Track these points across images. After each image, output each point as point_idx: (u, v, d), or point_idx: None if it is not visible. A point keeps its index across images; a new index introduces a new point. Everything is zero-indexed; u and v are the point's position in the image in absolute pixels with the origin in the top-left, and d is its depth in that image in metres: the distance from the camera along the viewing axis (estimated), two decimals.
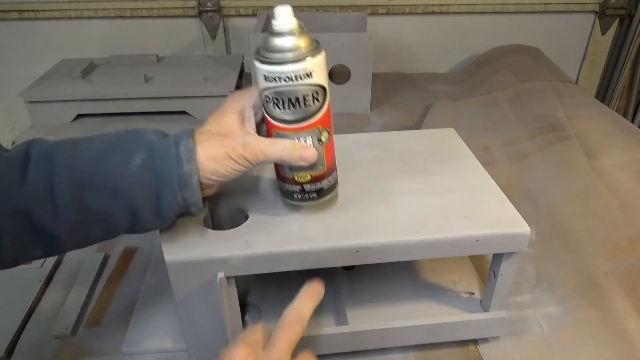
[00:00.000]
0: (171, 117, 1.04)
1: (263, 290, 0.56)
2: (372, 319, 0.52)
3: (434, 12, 1.30)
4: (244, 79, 1.21)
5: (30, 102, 1.01)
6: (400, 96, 1.17)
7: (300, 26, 0.40)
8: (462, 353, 0.53)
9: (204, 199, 0.42)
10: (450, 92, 1.18)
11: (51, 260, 0.65)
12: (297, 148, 0.41)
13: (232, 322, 0.47)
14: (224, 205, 0.50)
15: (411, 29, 1.33)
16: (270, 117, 0.42)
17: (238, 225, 0.46)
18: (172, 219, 0.42)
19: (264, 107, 0.42)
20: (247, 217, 0.47)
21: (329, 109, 0.43)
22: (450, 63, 1.39)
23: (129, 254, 0.68)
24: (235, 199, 0.50)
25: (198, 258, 0.42)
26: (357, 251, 0.44)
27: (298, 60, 0.39)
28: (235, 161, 0.41)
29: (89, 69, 1.08)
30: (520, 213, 0.47)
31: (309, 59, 0.39)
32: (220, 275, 0.43)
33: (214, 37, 1.29)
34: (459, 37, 1.35)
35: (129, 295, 0.60)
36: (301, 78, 0.39)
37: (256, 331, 0.37)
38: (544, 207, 0.70)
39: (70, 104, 1.01)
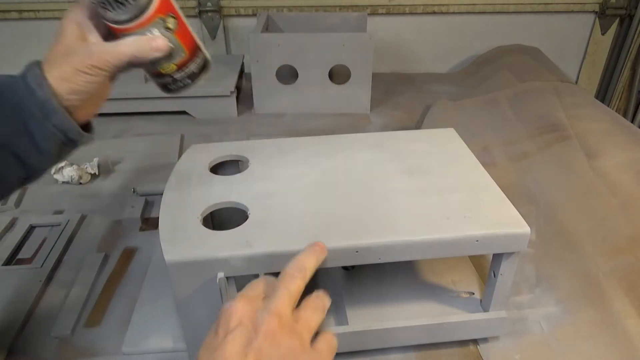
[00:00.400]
0: (171, 117, 1.04)
1: None
2: (372, 319, 0.52)
3: (434, 12, 1.30)
4: (243, 79, 1.21)
5: None
6: (400, 96, 1.17)
7: None
8: (462, 353, 0.53)
9: (87, 124, 0.42)
10: (450, 92, 1.18)
11: (51, 260, 0.65)
12: (144, 40, 0.42)
13: None
14: (224, 206, 0.50)
15: (411, 29, 1.33)
16: (110, 22, 0.43)
17: (238, 225, 0.46)
18: (56, 150, 0.42)
19: (101, 15, 0.42)
20: (247, 217, 0.47)
21: None
22: (450, 63, 1.39)
23: (129, 254, 0.68)
24: (235, 200, 0.50)
25: (198, 258, 0.42)
26: (357, 251, 0.44)
27: None
28: (86, 73, 0.41)
29: None
30: (520, 213, 0.47)
31: None
32: (221, 275, 0.43)
33: (214, 37, 1.29)
34: (459, 37, 1.35)
35: (129, 295, 0.61)
36: None
37: (257, 284, 0.37)
38: (544, 207, 0.70)
39: None
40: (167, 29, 0.43)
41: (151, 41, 0.42)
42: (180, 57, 0.45)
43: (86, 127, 0.44)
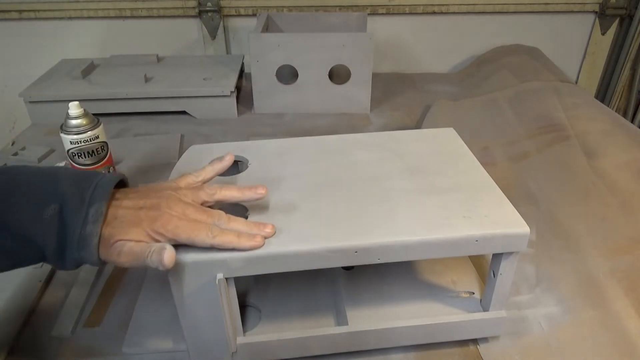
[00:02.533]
0: (171, 117, 1.04)
1: (263, 290, 0.56)
2: (372, 319, 0.52)
3: (434, 12, 1.30)
4: (243, 79, 1.21)
5: (30, 102, 1.01)
6: (400, 96, 1.17)
7: (85, 110, 0.72)
8: (462, 353, 0.53)
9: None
10: (450, 92, 1.18)
11: None
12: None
13: (232, 322, 0.47)
14: (224, 206, 0.50)
15: (411, 29, 1.33)
16: (79, 165, 0.73)
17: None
18: (70, 263, 0.42)
19: (72, 161, 0.72)
20: (247, 217, 0.47)
21: (110, 154, 0.76)
22: (450, 63, 1.39)
23: None
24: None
25: (197, 259, 0.42)
26: (357, 251, 0.44)
27: (91, 129, 0.72)
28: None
29: (89, 69, 1.08)
30: (520, 213, 0.47)
31: (96, 127, 0.72)
32: (220, 276, 0.43)
33: (214, 37, 1.29)
34: (459, 37, 1.35)
35: (129, 295, 0.61)
36: (93, 139, 0.72)
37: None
38: (544, 207, 0.70)
39: None
40: (109, 171, 0.78)
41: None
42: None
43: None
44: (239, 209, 0.49)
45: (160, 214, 0.41)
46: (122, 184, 0.46)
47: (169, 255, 0.39)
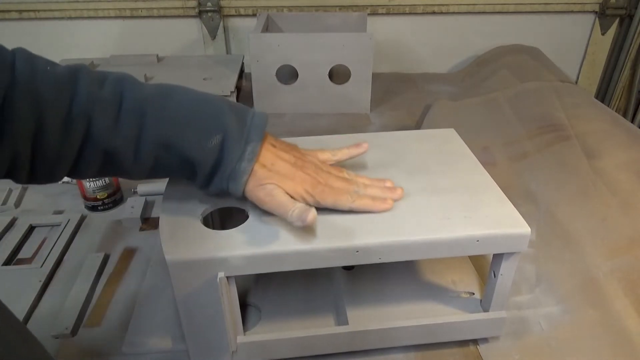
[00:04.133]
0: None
1: (263, 290, 0.56)
2: (372, 319, 0.52)
3: (434, 12, 1.30)
4: (243, 79, 1.21)
5: None
6: (400, 96, 1.17)
7: None
8: (462, 353, 0.53)
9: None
10: (450, 92, 1.18)
11: (51, 260, 0.65)
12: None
13: (232, 322, 0.47)
14: (226, 208, 0.50)
15: (411, 29, 1.33)
16: None
17: (238, 225, 0.46)
18: (215, 193, 0.47)
19: None
20: (247, 217, 0.47)
21: None
22: (450, 63, 1.39)
23: (129, 254, 0.68)
24: (235, 199, 0.50)
25: (198, 258, 0.42)
26: (357, 251, 0.44)
27: None
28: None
29: None
30: (520, 213, 0.47)
31: None
32: (221, 275, 0.43)
33: (214, 37, 1.29)
34: (459, 37, 1.35)
35: (129, 295, 0.61)
36: None
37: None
38: (544, 207, 0.70)
39: None
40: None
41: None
42: (112, 189, 0.76)
43: None
44: (239, 210, 0.49)
45: (311, 178, 0.46)
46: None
47: (312, 215, 0.42)
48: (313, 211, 0.42)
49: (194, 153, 0.43)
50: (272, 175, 0.45)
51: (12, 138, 0.38)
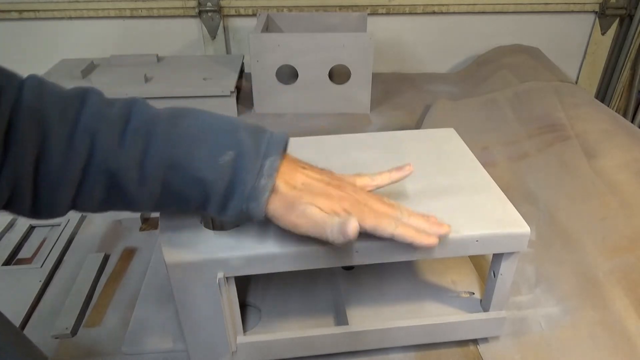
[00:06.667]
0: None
1: (263, 290, 0.56)
2: (372, 319, 0.52)
3: (434, 12, 1.30)
4: (243, 79, 1.21)
5: None
6: (400, 96, 1.17)
7: None
8: (462, 353, 0.53)
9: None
10: (450, 92, 1.18)
11: (51, 260, 0.65)
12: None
13: (232, 322, 0.47)
14: None
15: (411, 29, 1.33)
16: None
17: (238, 225, 0.46)
18: (233, 219, 0.42)
19: None
20: None
21: None
22: (450, 63, 1.39)
23: (129, 254, 0.68)
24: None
25: (198, 258, 0.42)
26: (357, 251, 0.44)
27: None
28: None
29: (89, 69, 1.08)
30: (520, 213, 0.47)
31: None
32: (220, 275, 0.43)
33: (214, 37, 1.29)
34: (459, 37, 1.34)
35: (129, 295, 0.61)
36: None
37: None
38: (544, 207, 0.70)
39: None
40: None
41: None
42: None
43: None
44: None
45: (348, 196, 0.42)
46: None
47: (354, 226, 0.38)
48: (354, 220, 0.38)
49: (204, 172, 0.39)
50: (302, 195, 0.40)
51: (16, 159, 0.36)
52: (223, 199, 0.40)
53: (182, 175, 0.39)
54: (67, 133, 0.37)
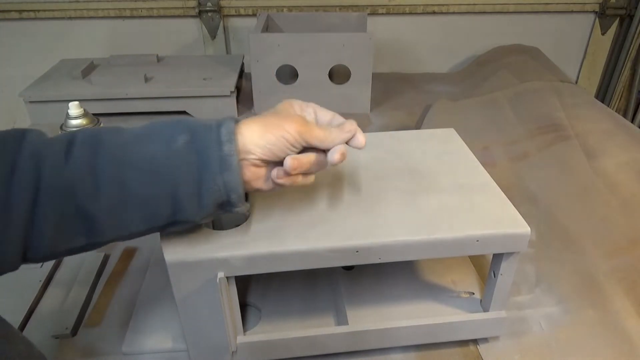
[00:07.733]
0: (171, 117, 1.04)
1: (263, 290, 0.56)
2: (372, 319, 0.52)
3: (434, 12, 1.30)
4: (243, 79, 1.21)
5: (30, 102, 1.01)
6: (400, 96, 1.17)
7: (85, 110, 0.73)
8: (462, 353, 0.53)
9: (246, 194, 0.41)
10: (450, 92, 1.18)
11: (51, 260, 0.65)
12: (343, 138, 0.47)
13: (232, 322, 0.47)
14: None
15: (411, 29, 1.33)
16: None
17: (238, 225, 0.46)
18: (212, 208, 0.40)
19: None
20: (247, 217, 0.47)
21: None
22: (450, 63, 1.39)
23: (129, 254, 0.68)
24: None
25: (198, 258, 0.42)
26: (357, 251, 0.44)
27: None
28: (274, 135, 0.41)
29: (89, 69, 1.08)
30: (520, 213, 0.47)
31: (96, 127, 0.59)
32: (220, 275, 0.43)
33: (214, 37, 1.29)
34: (459, 37, 1.35)
35: (129, 295, 0.61)
36: None
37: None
38: (544, 207, 0.70)
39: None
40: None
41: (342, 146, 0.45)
42: None
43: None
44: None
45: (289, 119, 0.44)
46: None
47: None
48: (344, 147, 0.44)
49: (161, 161, 0.37)
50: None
51: None
52: (194, 186, 0.38)
53: (138, 173, 0.37)
54: (7, 166, 0.35)
